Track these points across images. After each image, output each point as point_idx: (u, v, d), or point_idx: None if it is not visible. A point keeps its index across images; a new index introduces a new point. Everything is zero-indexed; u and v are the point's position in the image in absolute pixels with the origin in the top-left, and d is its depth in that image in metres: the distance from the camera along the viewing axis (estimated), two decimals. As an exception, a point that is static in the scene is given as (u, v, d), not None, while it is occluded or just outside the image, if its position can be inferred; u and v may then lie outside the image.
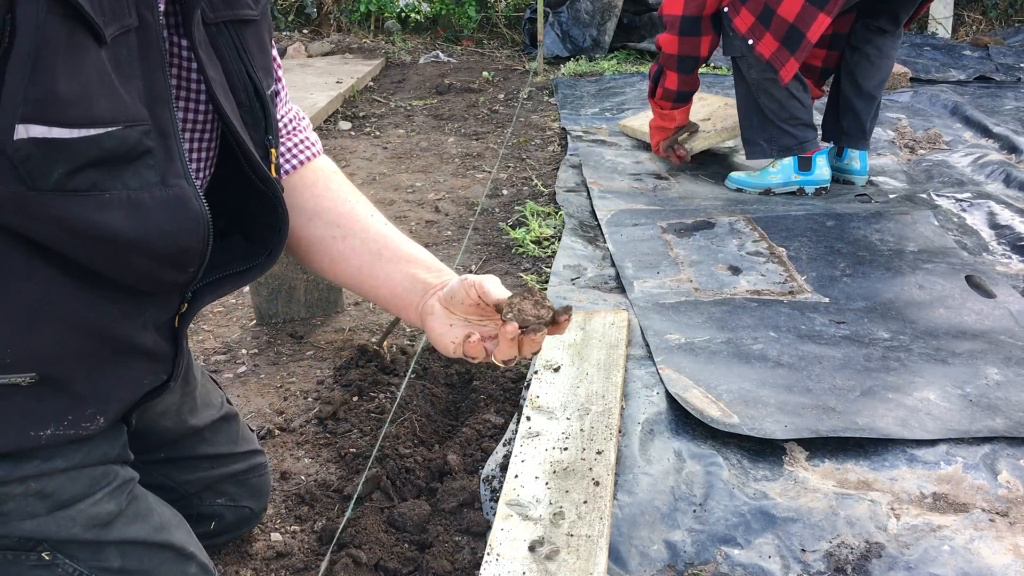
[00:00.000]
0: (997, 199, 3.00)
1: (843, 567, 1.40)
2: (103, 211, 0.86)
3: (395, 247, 1.19)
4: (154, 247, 0.93)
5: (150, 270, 0.96)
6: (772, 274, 2.44)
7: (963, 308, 2.20)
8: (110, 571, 1.05)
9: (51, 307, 0.92)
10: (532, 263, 2.73)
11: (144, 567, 1.08)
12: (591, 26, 5.88)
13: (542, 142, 4.13)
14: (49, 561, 1.00)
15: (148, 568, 1.09)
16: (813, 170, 3.10)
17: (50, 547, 1.00)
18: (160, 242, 0.93)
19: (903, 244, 2.61)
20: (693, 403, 1.78)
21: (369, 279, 1.19)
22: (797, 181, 3.13)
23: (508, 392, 1.99)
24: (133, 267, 0.94)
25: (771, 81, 3.01)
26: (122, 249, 0.90)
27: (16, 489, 0.97)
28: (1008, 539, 1.44)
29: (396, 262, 1.18)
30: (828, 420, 1.72)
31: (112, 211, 0.87)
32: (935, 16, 5.97)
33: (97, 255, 0.90)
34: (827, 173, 3.12)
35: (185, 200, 0.95)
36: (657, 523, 1.51)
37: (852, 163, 3.24)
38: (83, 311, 0.95)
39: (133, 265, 0.94)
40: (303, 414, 1.96)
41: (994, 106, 4.28)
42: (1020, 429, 1.69)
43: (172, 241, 0.94)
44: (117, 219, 0.87)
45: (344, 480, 1.73)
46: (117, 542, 1.06)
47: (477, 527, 1.56)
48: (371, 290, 1.19)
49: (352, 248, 1.18)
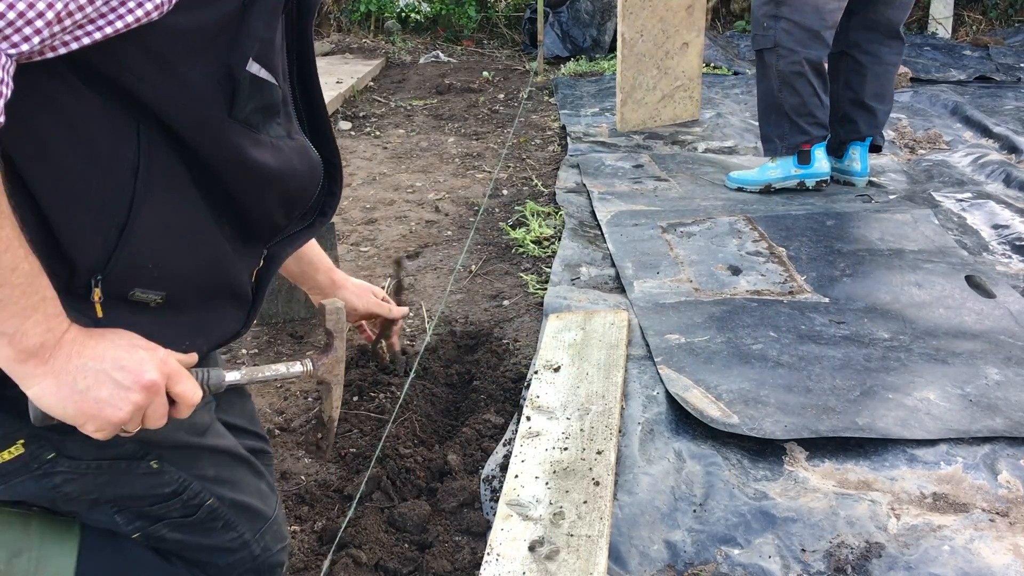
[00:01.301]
0: (997, 199, 3.00)
1: (843, 567, 1.40)
2: (258, 148, 1.01)
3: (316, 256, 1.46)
4: (288, 182, 1.08)
5: (272, 207, 1.09)
6: (772, 274, 2.44)
7: (963, 308, 2.20)
8: (206, 478, 1.13)
9: (192, 230, 1.01)
10: (532, 263, 2.73)
11: (232, 477, 1.17)
12: (591, 26, 5.88)
13: (542, 142, 4.13)
14: (157, 469, 1.07)
15: (234, 479, 1.17)
16: (812, 163, 3.08)
17: (156, 455, 1.06)
18: (293, 180, 1.08)
19: (903, 244, 2.61)
20: (693, 403, 1.78)
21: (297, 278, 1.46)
22: (796, 175, 3.12)
23: (508, 392, 1.99)
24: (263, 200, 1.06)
25: (798, 75, 2.98)
26: (266, 180, 1.04)
27: None
28: (1008, 539, 1.44)
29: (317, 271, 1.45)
30: (828, 420, 1.72)
31: (263, 149, 1.02)
32: (935, 16, 5.97)
33: (245, 182, 1.02)
34: (826, 166, 3.10)
35: (307, 149, 1.12)
36: (657, 523, 1.51)
37: (852, 164, 3.22)
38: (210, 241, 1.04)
39: (264, 198, 1.06)
40: (303, 414, 1.96)
41: (994, 106, 4.28)
42: (1020, 429, 1.69)
43: (300, 180, 1.10)
44: (267, 156, 1.02)
45: (344, 480, 1.73)
46: (210, 449, 1.14)
47: (477, 527, 1.56)
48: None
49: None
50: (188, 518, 1.13)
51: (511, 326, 2.32)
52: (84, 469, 1.02)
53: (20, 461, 0.99)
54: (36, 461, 1.00)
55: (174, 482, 1.10)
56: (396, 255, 2.84)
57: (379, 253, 2.88)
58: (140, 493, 1.08)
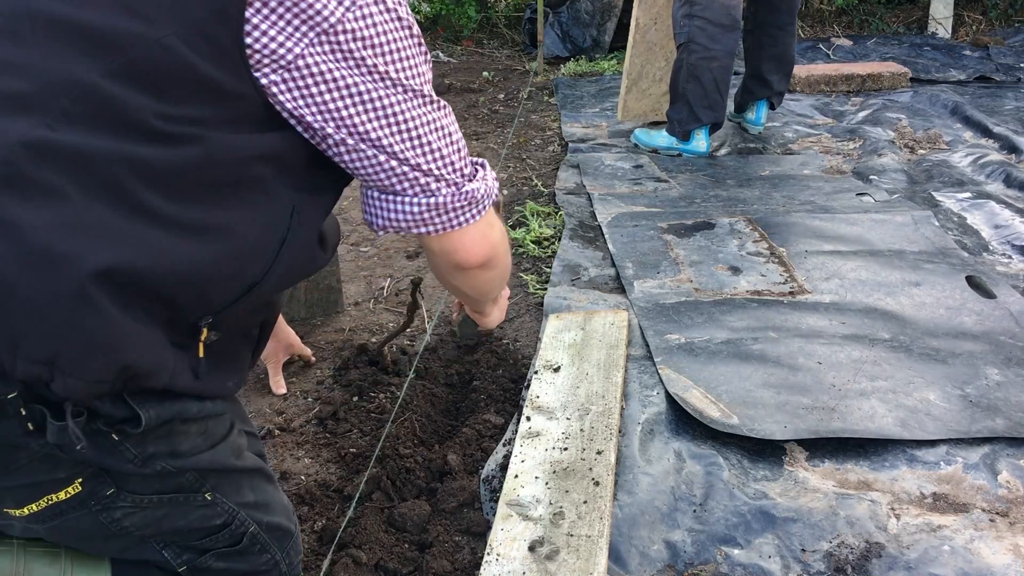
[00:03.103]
0: (997, 199, 3.00)
1: (843, 567, 1.40)
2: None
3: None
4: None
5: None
6: (772, 274, 2.44)
7: (963, 308, 2.20)
8: (248, 505, 1.15)
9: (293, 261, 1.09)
10: (532, 263, 2.73)
11: (265, 499, 1.19)
12: (591, 26, 5.88)
13: (542, 142, 4.13)
14: (210, 501, 1.10)
15: (267, 500, 1.20)
16: (692, 141, 3.63)
17: (210, 487, 1.09)
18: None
19: (903, 244, 2.61)
20: (693, 403, 1.78)
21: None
22: (678, 147, 3.66)
23: (508, 392, 1.99)
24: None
25: (706, 70, 3.43)
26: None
27: (192, 428, 1.05)
28: (1008, 539, 1.44)
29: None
30: (828, 420, 1.72)
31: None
32: (935, 16, 5.97)
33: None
34: (703, 146, 3.62)
35: None
36: (657, 523, 1.51)
37: (750, 115, 3.89)
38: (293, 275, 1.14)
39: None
40: (303, 414, 1.96)
41: (994, 106, 4.28)
42: (1020, 429, 1.69)
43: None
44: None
45: (344, 480, 1.73)
46: (249, 471, 1.16)
47: (477, 527, 1.56)
48: None
49: None
50: (233, 547, 1.16)
51: (511, 326, 2.32)
52: (145, 504, 1.04)
53: (77, 499, 1.00)
54: (94, 497, 1.01)
55: (224, 513, 1.12)
56: (400, 250, 2.84)
57: (379, 253, 2.88)
58: (195, 526, 1.10)
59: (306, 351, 2.12)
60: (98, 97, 0.88)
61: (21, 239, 0.83)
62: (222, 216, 0.96)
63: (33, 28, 0.88)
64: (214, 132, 0.94)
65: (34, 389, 0.88)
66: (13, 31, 0.88)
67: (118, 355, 0.89)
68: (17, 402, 0.88)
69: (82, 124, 0.87)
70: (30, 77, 0.87)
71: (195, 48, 0.91)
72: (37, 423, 0.90)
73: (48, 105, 0.86)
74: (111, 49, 0.89)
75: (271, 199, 1.01)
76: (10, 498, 0.98)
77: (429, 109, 1.06)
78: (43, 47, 0.88)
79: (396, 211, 1.10)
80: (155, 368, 0.95)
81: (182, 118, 0.92)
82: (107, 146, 0.88)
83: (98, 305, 0.86)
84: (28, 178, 0.84)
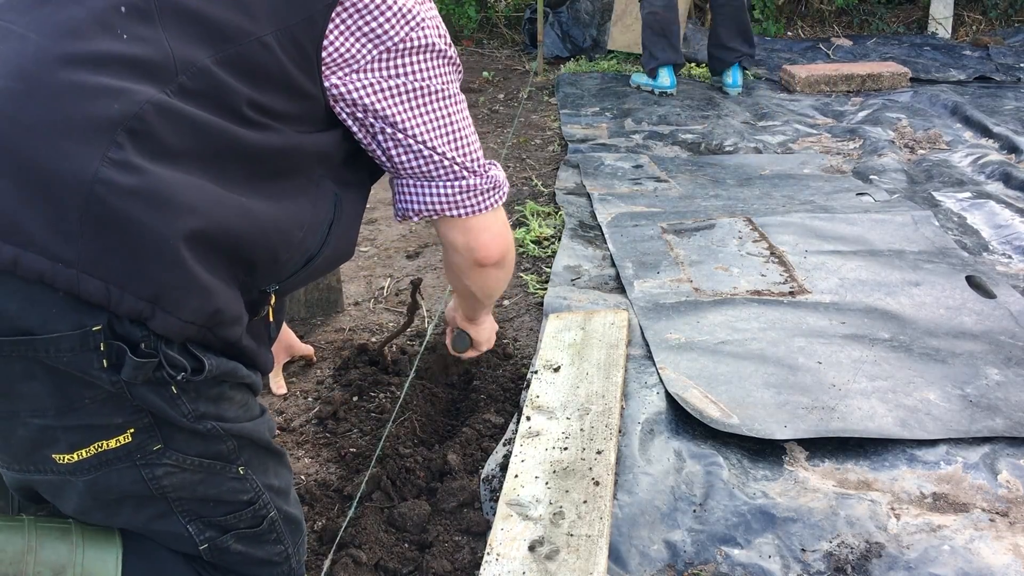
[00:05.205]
0: (997, 199, 3.00)
1: (843, 567, 1.40)
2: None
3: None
4: None
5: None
6: (772, 274, 2.44)
7: (963, 308, 2.20)
8: (272, 489, 1.20)
9: (338, 243, 1.27)
10: (532, 263, 2.73)
11: (286, 487, 1.25)
12: (591, 26, 5.88)
13: (542, 142, 4.13)
14: (242, 475, 1.15)
15: (287, 489, 1.25)
16: (657, 79, 4.57)
17: (244, 461, 1.15)
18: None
19: (903, 244, 2.60)
20: (693, 403, 1.78)
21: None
22: (650, 83, 4.62)
23: (508, 392, 1.99)
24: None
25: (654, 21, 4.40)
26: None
27: (236, 396, 1.13)
28: (1008, 539, 1.44)
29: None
30: (828, 420, 1.72)
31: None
32: (935, 16, 5.96)
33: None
34: (667, 82, 4.54)
35: None
36: (657, 523, 1.51)
37: (727, 79, 4.62)
38: (337, 256, 1.30)
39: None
40: (303, 414, 1.96)
41: (994, 106, 4.28)
42: (1020, 429, 1.69)
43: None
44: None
45: (344, 480, 1.73)
46: (274, 452, 1.22)
47: (477, 527, 1.56)
48: None
49: None
50: (253, 529, 1.19)
51: (511, 326, 2.32)
52: (186, 465, 1.09)
53: (125, 449, 1.05)
54: (140, 451, 1.06)
55: (251, 491, 1.17)
56: (400, 250, 2.84)
57: (379, 253, 2.88)
58: (224, 498, 1.15)
59: (308, 350, 2.13)
60: (209, 78, 1.02)
61: (150, 185, 0.94)
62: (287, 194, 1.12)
63: (161, 12, 1.02)
64: (286, 126, 1.10)
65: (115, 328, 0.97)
66: (146, 11, 1.02)
67: (212, 300, 1.01)
68: (100, 335, 0.96)
69: (194, 99, 1.01)
70: (159, 52, 1.00)
71: (285, 49, 1.07)
72: (112, 361, 0.97)
73: (170, 78, 1.00)
74: (223, 39, 1.04)
75: (320, 189, 1.18)
76: (64, 441, 1.02)
77: (461, 107, 1.26)
78: (169, 30, 1.02)
79: (431, 195, 1.24)
80: (237, 318, 1.06)
81: (265, 109, 1.07)
82: (214, 121, 1.01)
83: (199, 255, 0.98)
84: (155, 135, 0.96)
